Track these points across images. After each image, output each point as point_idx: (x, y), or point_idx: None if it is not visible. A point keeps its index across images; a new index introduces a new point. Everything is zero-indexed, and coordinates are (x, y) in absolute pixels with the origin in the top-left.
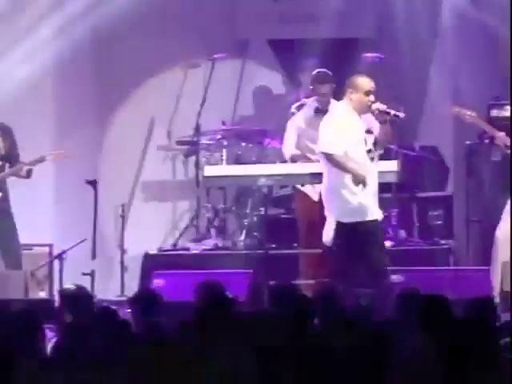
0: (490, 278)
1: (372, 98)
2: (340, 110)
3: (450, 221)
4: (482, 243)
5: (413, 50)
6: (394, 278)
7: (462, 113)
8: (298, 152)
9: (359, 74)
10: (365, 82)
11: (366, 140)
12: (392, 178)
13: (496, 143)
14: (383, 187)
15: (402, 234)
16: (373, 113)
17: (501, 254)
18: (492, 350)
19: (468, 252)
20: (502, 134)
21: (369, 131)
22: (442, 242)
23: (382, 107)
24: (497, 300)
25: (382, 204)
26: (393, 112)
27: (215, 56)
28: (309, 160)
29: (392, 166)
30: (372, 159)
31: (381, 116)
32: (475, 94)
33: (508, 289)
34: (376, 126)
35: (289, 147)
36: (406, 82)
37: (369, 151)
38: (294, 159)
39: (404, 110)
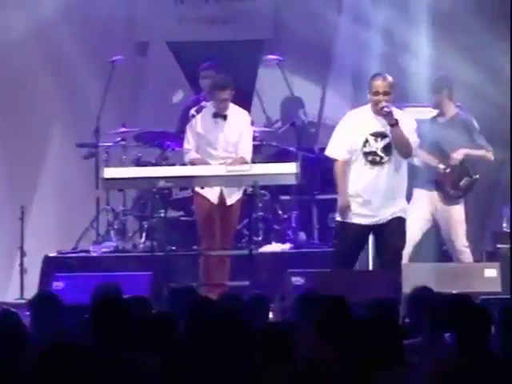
0: (388, 279)
1: (379, 97)
2: (350, 112)
3: None
4: None
5: (312, 51)
6: (295, 280)
7: None
8: (197, 155)
9: (375, 75)
10: (373, 83)
11: (367, 141)
12: (292, 181)
13: None
14: (283, 189)
15: (302, 236)
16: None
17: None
18: (397, 351)
19: (368, 254)
20: None
21: (382, 134)
22: None
23: (381, 105)
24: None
25: (282, 206)
26: (385, 109)
27: (114, 58)
28: (207, 164)
29: (291, 168)
30: (376, 163)
31: (385, 118)
32: None
33: (408, 291)
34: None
35: (188, 150)
36: (306, 84)
37: (371, 153)
38: (193, 162)
39: (304, 113)
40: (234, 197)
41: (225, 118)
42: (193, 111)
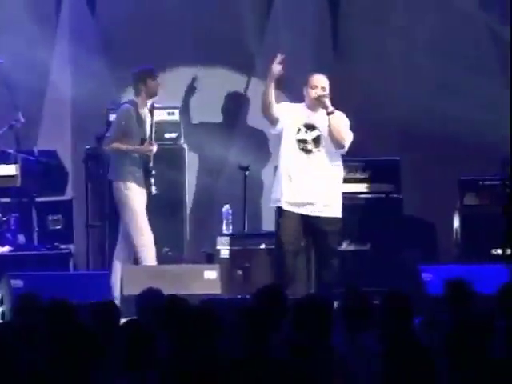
0: (109, 282)
1: (317, 91)
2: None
3: (70, 225)
4: (102, 247)
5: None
6: (14, 282)
7: None
8: None
9: (314, 73)
10: (313, 77)
11: (299, 129)
12: (12, 183)
13: None
14: (2, 192)
15: (22, 238)
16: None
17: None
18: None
19: (88, 256)
20: None
21: (312, 126)
22: (62, 246)
23: (320, 93)
24: (117, 303)
25: (1, 209)
26: (323, 98)
27: None
28: None
29: (11, 170)
30: (307, 151)
31: (323, 106)
32: (96, 97)
33: (128, 293)
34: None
35: None
36: (25, 88)
37: (302, 141)
38: None
39: (23, 114)
40: None
41: None
42: None
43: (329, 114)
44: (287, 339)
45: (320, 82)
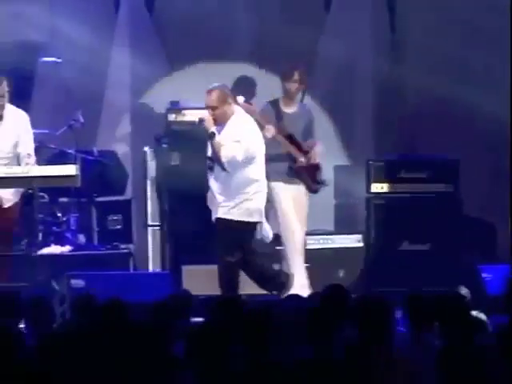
0: (169, 281)
1: (208, 111)
2: None
3: (129, 225)
4: (161, 247)
5: (87, 54)
6: (74, 282)
7: None
8: None
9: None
10: None
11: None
12: (72, 183)
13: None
14: (62, 191)
15: (82, 238)
16: None
17: None
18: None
19: (147, 256)
20: None
21: None
22: (122, 246)
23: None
24: None
25: (61, 208)
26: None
27: None
28: None
29: (71, 170)
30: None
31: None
32: (155, 97)
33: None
34: None
35: None
36: (84, 86)
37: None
38: None
39: (82, 114)
40: (11, 199)
41: (0, 118)
42: None
43: (210, 137)
44: (349, 339)
45: (207, 102)
